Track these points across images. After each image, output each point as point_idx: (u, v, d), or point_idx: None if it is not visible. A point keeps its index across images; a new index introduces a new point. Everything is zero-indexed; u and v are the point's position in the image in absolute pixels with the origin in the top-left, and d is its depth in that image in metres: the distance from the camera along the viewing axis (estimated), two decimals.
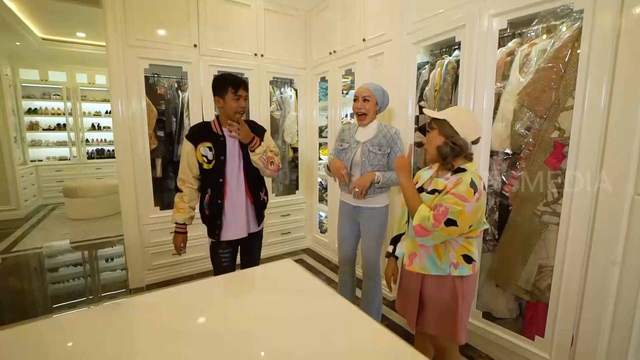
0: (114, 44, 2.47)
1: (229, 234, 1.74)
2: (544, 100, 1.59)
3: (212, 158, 1.67)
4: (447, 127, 1.22)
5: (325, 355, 0.83)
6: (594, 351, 1.42)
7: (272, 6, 3.12)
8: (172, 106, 3.11)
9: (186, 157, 1.70)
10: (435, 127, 1.26)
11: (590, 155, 1.38)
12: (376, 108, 1.87)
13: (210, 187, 1.71)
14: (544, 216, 1.64)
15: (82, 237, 4.17)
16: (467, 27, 1.79)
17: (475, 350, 1.92)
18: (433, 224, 1.15)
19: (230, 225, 1.73)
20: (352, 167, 1.89)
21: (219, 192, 1.70)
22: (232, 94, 1.62)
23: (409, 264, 1.32)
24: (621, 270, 1.34)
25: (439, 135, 1.24)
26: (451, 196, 1.16)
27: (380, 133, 1.85)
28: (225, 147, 1.69)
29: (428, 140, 1.29)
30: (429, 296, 1.30)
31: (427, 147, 1.30)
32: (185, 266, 2.98)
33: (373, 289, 1.98)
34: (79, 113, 6.15)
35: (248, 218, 1.77)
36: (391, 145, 1.84)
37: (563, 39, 1.53)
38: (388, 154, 1.84)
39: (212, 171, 1.68)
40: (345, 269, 2.09)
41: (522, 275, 1.72)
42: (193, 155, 1.68)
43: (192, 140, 1.68)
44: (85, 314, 1.02)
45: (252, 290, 1.18)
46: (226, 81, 1.62)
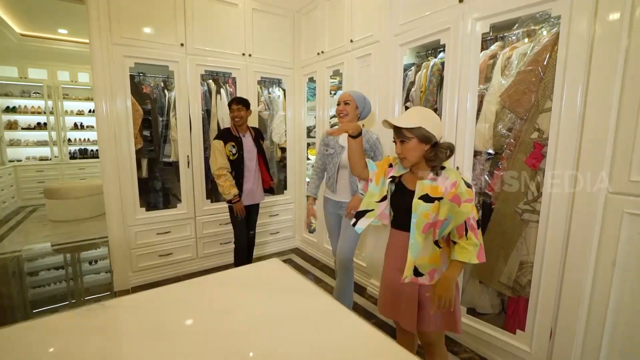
0: (97, 42, 2.42)
1: (246, 201, 2.57)
2: (524, 102, 1.64)
3: (236, 152, 2.48)
4: (425, 132, 1.19)
5: (314, 354, 0.84)
6: (571, 343, 1.48)
7: (260, 5, 3.11)
8: (158, 105, 3.06)
9: (219, 152, 2.44)
10: (412, 137, 1.20)
11: (567, 156, 1.44)
12: (357, 112, 1.97)
13: (234, 171, 2.51)
14: (525, 214, 1.70)
15: (64, 239, 4.06)
16: (452, 30, 1.83)
17: (460, 345, 1.97)
18: (479, 239, 1.20)
19: (246, 195, 2.57)
20: (340, 170, 2.02)
21: (241, 174, 2.53)
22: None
23: (431, 279, 1.28)
24: (595, 266, 1.40)
25: (420, 144, 1.21)
26: (466, 204, 1.18)
27: (363, 138, 1.89)
28: (242, 145, 2.51)
29: (409, 149, 1.22)
30: (429, 299, 1.29)
31: (407, 156, 1.23)
32: (173, 267, 2.94)
33: (347, 283, 2.11)
34: (60, 112, 5.98)
35: (257, 192, 2.66)
36: (374, 149, 1.97)
37: (542, 43, 1.58)
38: (371, 158, 1.95)
39: (236, 161, 2.50)
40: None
41: (504, 272, 1.78)
42: (223, 150, 2.45)
43: (223, 140, 2.46)
44: (67, 317, 1.00)
45: (240, 290, 1.19)
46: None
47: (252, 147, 2.57)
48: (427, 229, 1.23)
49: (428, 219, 1.22)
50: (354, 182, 1.99)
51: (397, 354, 0.84)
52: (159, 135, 3.06)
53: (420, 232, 1.23)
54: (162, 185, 3.24)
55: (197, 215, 2.99)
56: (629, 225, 1.30)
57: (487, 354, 1.85)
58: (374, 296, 2.56)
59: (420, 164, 1.26)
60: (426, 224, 1.22)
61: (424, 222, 1.22)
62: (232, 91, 3.18)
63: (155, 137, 3.06)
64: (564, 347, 1.51)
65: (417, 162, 1.25)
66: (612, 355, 1.38)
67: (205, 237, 3.05)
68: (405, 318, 1.32)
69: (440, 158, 1.22)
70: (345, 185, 2.03)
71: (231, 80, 3.19)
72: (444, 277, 1.23)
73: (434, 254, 1.26)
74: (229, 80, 3.20)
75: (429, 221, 1.22)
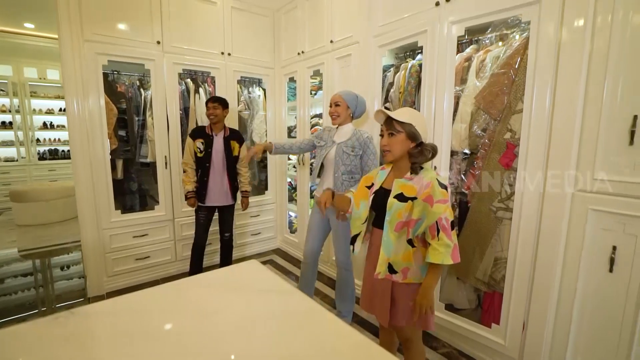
0: (67, 38, 2.31)
1: (208, 201, 2.54)
2: (497, 103, 1.70)
3: (203, 150, 2.48)
4: (414, 130, 1.25)
5: (295, 355, 0.84)
6: (541, 334, 1.55)
7: (239, 4, 3.07)
8: (134, 105, 2.96)
9: (188, 147, 2.50)
10: (401, 131, 1.26)
11: (538, 155, 1.50)
12: (348, 112, 2.01)
13: (200, 168, 2.52)
14: (499, 212, 1.76)
15: (33, 244, 3.86)
16: (429, 32, 1.88)
17: (439, 340, 2.02)
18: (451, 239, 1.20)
19: (209, 195, 2.53)
20: (326, 164, 2.04)
21: (205, 173, 2.50)
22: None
23: (404, 277, 1.30)
24: (563, 262, 1.47)
25: (407, 140, 1.27)
26: (438, 205, 1.20)
27: (354, 136, 1.99)
28: (212, 143, 2.49)
29: (395, 143, 1.27)
30: (401, 294, 1.32)
31: (392, 149, 1.28)
32: (150, 271, 2.86)
33: (346, 279, 2.15)
34: (27, 110, 5.68)
35: (223, 193, 2.57)
36: (364, 148, 1.97)
37: (514, 47, 1.65)
38: (361, 156, 1.96)
39: (203, 158, 2.49)
40: (309, 261, 2.18)
41: (480, 268, 1.84)
42: (191, 146, 2.48)
43: (192, 136, 2.50)
44: (36, 325, 0.95)
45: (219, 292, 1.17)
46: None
47: (222, 147, 2.53)
48: (400, 228, 1.27)
49: (401, 217, 1.25)
50: (337, 179, 1.99)
51: (374, 353, 0.85)
52: (135, 135, 2.97)
53: (392, 230, 1.28)
54: (138, 186, 3.14)
55: (175, 217, 2.91)
56: (593, 221, 1.38)
57: (465, 348, 1.91)
58: (357, 295, 2.58)
59: (401, 161, 1.31)
60: (399, 222, 1.26)
61: (396, 220, 1.26)
62: (211, 90, 3.12)
63: (132, 137, 2.96)
64: (535, 338, 1.58)
65: (399, 157, 1.29)
66: (579, 343, 1.46)
67: (185, 239, 2.98)
68: (380, 313, 1.37)
69: (425, 156, 1.27)
70: (329, 182, 2.03)
71: (210, 79, 3.13)
72: (423, 287, 1.26)
73: (406, 252, 1.29)
74: (208, 79, 3.14)
75: (402, 220, 1.26)
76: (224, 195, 2.58)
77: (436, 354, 1.91)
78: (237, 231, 3.33)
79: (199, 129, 2.54)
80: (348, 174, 1.97)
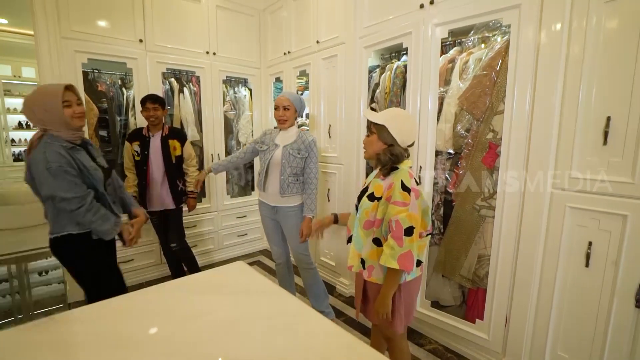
0: (44, 35, 2.23)
1: (150, 206, 2.42)
2: (480, 104, 1.75)
3: (140, 153, 2.34)
4: (386, 133, 1.27)
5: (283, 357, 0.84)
6: (523, 327, 1.60)
7: (224, 3, 3.04)
8: (116, 104, 2.88)
9: (126, 151, 2.40)
10: (374, 132, 1.30)
11: (519, 155, 1.55)
12: (295, 115, 2.07)
13: (139, 173, 2.38)
14: (482, 210, 1.81)
15: (8, 249, 3.67)
16: (413, 34, 1.91)
17: (425, 337, 2.05)
18: (398, 243, 1.17)
19: (150, 200, 2.42)
20: (271, 167, 2.04)
21: (144, 176, 2.37)
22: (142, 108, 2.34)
23: (368, 275, 1.32)
24: (542, 258, 1.53)
25: (378, 141, 1.29)
26: (393, 206, 1.20)
27: (299, 139, 2.04)
28: (149, 145, 2.34)
29: (369, 142, 1.34)
30: (371, 292, 1.37)
31: (366, 148, 1.36)
32: (134, 274, 2.79)
33: (312, 277, 2.20)
34: (1, 109, 5.45)
35: (164, 197, 2.42)
36: (309, 151, 2.03)
37: (495, 49, 1.69)
38: (305, 159, 2.03)
39: (140, 162, 2.36)
40: (280, 261, 2.26)
41: (464, 265, 1.88)
42: (129, 150, 2.37)
43: (129, 140, 2.40)
44: (13, 333, 0.91)
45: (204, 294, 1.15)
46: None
47: (160, 148, 2.36)
48: (368, 226, 1.31)
49: (368, 216, 1.29)
50: (283, 182, 2.00)
51: (362, 352, 0.85)
52: (117, 136, 2.89)
53: (361, 227, 1.32)
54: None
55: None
56: (570, 218, 1.43)
57: (450, 344, 1.95)
58: (343, 294, 2.59)
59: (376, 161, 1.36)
60: (367, 221, 1.30)
61: (364, 218, 1.30)
62: (196, 90, 3.08)
63: (113, 138, 2.87)
64: (517, 331, 1.63)
65: (372, 156, 1.34)
66: (558, 334, 1.52)
67: None
68: (356, 305, 1.45)
69: (387, 161, 1.27)
70: (275, 185, 2.03)
71: (195, 78, 3.08)
72: (380, 295, 1.27)
73: (372, 251, 1.31)
74: (193, 78, 3.09)
75: (369, 219, 1.29)
76: (166, 199, 2.42)
77: (422, 350, 1.94)
78: (223, 232, 3.29)
79: (136, 131, 2.41)
80: (294, 176, 2.01)
